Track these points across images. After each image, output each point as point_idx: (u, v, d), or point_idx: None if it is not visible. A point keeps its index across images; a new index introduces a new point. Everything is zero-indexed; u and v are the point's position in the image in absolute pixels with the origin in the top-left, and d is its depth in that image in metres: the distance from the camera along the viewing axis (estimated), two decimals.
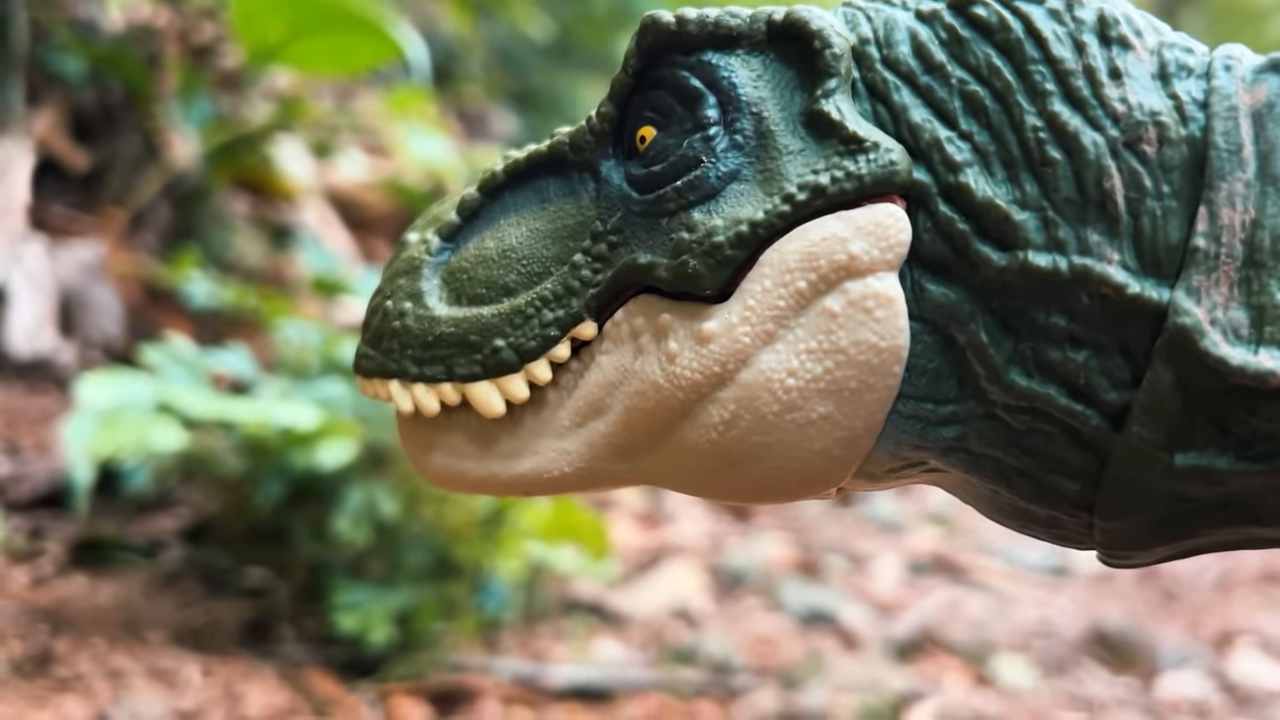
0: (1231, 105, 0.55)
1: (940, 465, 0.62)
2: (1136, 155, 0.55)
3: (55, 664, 1.67)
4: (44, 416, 2.36)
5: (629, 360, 0.63)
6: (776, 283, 0.58)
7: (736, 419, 0.59)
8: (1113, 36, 0.58)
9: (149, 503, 2.18)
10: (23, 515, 2.11)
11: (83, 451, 1.75)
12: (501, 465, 0.67)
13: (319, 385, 2.00)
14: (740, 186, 0.60)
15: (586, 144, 0.66)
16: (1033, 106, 0.57)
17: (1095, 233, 0.55)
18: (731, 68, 0.62)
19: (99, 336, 2.61)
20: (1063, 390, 0.56)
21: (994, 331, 0.57)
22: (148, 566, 2.03)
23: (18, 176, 2.68)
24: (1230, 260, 0.53)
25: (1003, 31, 0.58)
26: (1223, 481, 0.54)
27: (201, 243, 3.02)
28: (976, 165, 0.57)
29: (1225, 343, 0.53)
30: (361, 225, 4.05)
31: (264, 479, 1.91)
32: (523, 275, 0.67)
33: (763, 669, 2.17)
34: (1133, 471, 0.55)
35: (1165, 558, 0.60)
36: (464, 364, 0.66)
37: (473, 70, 6.05)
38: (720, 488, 0.63)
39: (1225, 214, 0.53)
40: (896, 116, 0.59)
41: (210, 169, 3.08)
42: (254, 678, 1.76)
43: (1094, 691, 2.23)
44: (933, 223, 0.58)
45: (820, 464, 0.59)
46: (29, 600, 1.84)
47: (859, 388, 0.57)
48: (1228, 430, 0.54)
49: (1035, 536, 0.64)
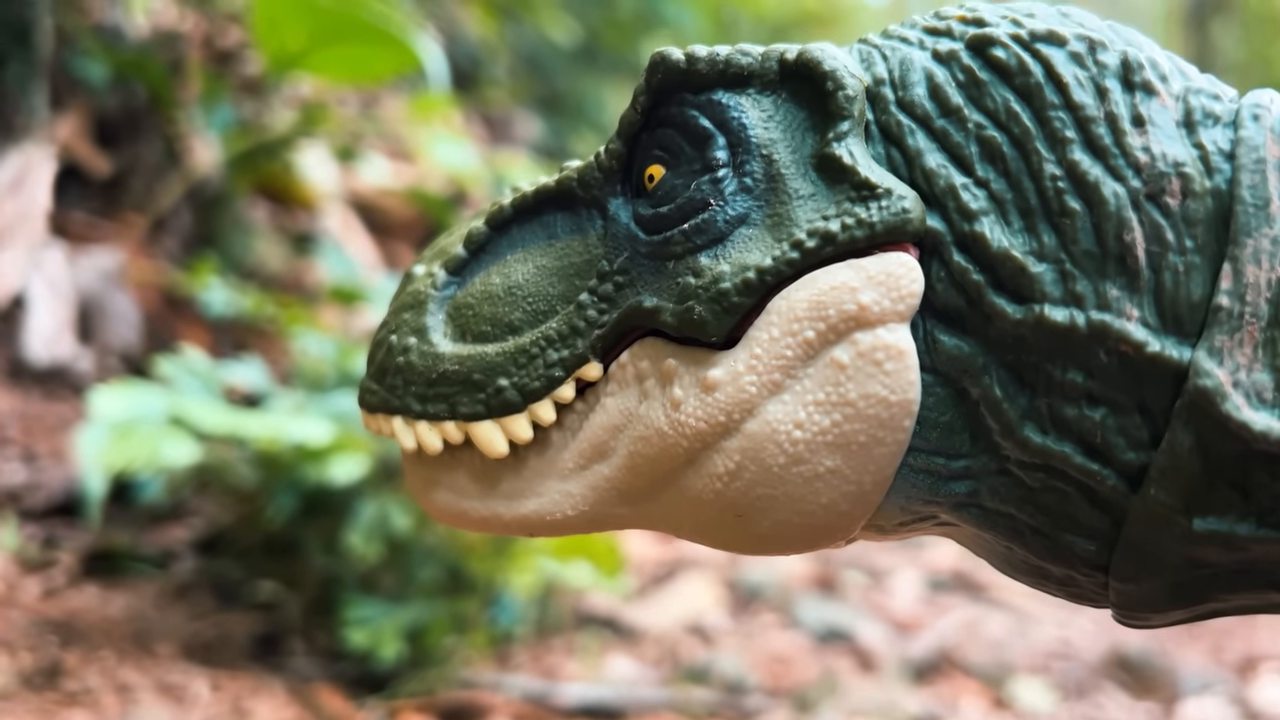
0: (1259, 157, 0.53)
1: (952, 520, 0.60)
2: (1159, 207, 0.53)
3: (64, 677, 1.67)
4: (61, 424, 2.36)
5: (634, 404, 0.61)
6: (784, 331, 0.56)
7: (742, 470, 0.57)
8: (1136, 82, 0.56)
9: (162, 513, 2.18)
10: (37, 524, 2.12)
11: (96, 463, 1.75)
12: (504, 505, 0.66)
13: (334, 398, 2.00)
14: (749, 231, 0.59)
15: (595, 181, 0.65)
16: (1052, 154, 0.55)
17: (1115, 287, 0.53)
18: (742, 108, 0.61)
19: (117, 344, 2.61)
20: (1079, 448, 0.54)
21: (1008, 386, 0.55)
22: (160, 577, 2.03)
23: (40, 183, 2.69)
24: (1255, 320, 0.51)
25: (1022, 75, 0.56)
26: (1243, 548, 0.52)
27: (222, 249, 3.03)
28: (993, 214, 0.55)
29: (1248, 407, 0.51)
30: (384, 230, 4.06)
31: (277, 492, 1.91)
32: (528, 313, 0.66)
33: (776, 689, 2.15)
34: (1149, 534, 0.53)
35: (1181, 620, 0.58)
36: (467, 403, 0.65)
37: (498, 74, 6.05)
38: (725, 538, 0.61)
39: (1250, 271, 0.51)
40: (910, 161, 0.58)
41: (232, 175, 3.08)
42: (263, 693, 1.75)
43: (1114, 716, 2.20)
44: (946, 272, 0.56)
45: (827, 518, 0.57)
46: (40, 611, 1.84)
47: (868, 441, 0.55)
48: (1249, 496, 0.52)
49: (1049, 593, 0.62)
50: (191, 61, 3.12)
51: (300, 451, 1.80)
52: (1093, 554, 0.56)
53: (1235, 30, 8.66)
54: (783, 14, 8.42)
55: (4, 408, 2.39)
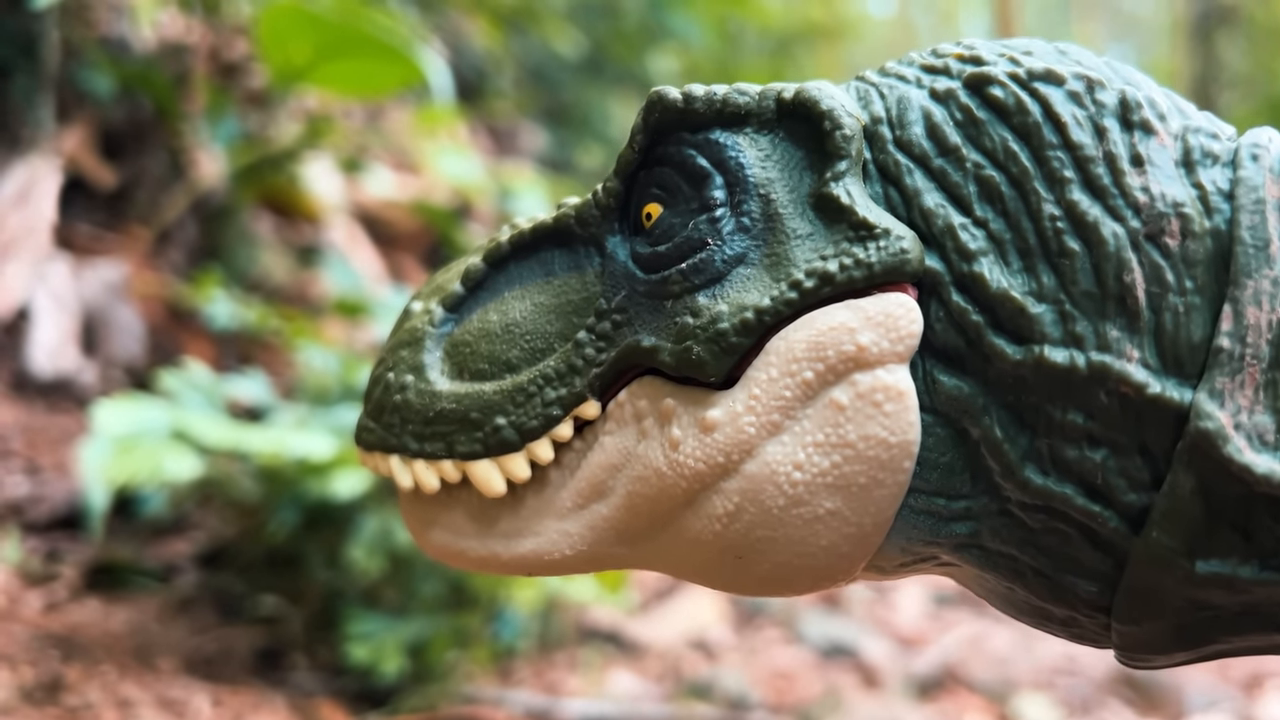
0: (1259, 198, 0.53)
1: (953, 561, 0.60)
2: (1158, 248, 0.53)
3: (65, 692, 1.67)
4: (65, 436, 2.36)
5: (632, 443, 0.61)
6: (783, 372, 0.56)
7: (741, 511, 0.57)
8: (1135, 121, 0.56)
9: (165, 526, 2.17)
10: (40, 537, 2.12)
11: (99, 477, 1.75)
12: (502, 545, 0.65)
13: (337, 412, 1.99)
14: (746, 270, 0.58)
15: (592, 218, 0.65)
16: (1051, 194, 0.55)
17: (1115, 328, 0.53)
18: (739, 147, 0.60)
19: (121, 356, 2.62)
20: (1080, 490, 0.54)
21: (1009, 426, 0.55)
22: (162, 591, 2.02)
23: (45, 195, 2.70)
24: (1256, 362, 0.51)
25: (1020, 114, 0.56)
26: (1246, 591, 0.52)
27: (227, 261, 3.03)
28: (991, 254, 0.55)
29: (1250, 449, 0.50)
30: (390, 242, 4.06)
31: (279, 506, 1.91)
32: (526, 351, 0.66)
33: (780, 705, 2.14)
34: (1152, 577, 0.53)
35: (1185, 661, 0.57)
36: (465, 441, 0.65)
37: (503, 86, 6.06)
38: (726, 579, 0.61)
39: (1251, 313, 0.51)
40: (909, 201, 0.57)
41: (237, 187, 3.09)
42: (264, 708, 1.75)
43: None
44: (945, 312, 0.56)
45: (828, 560, 0.57)
46: (41, 625, 1.84)
47: (868, 483, 0.55)
48: (1251, 538, 0.51)
49: (1052, 634, 0.61)
50: (197, 74, 3.13)
51: (303, 466, 1.80)
52: (1095, 595, 0.55)
53: (1240, 42, 8.66)
54: (788, 25, 8.43)
55: (7, 420, 2.39)
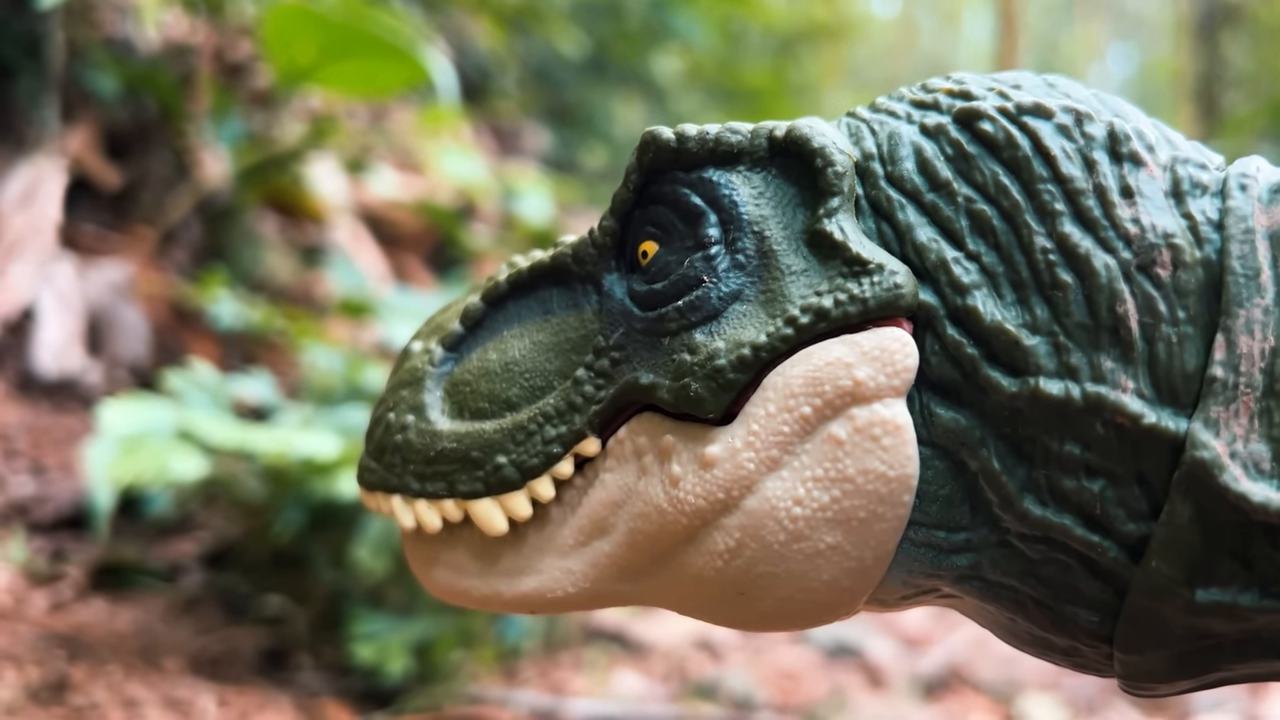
0: (1248, 227, 0.53)
1: (954, 592, 0.60)
2: (1150, 279, 0.54)
3: (71, 691, 1.67)
4: (69, 436, 2.36)
5: (632, 480, 0.61)
6: (780, 407, 0.56)
7: (742, 547, 0.57)
8: (1124, 153, 0.56)
9: (170, 526, 2.17)
10: (45, 536, 2.12)
11: (104, 476, 1.75)
12: (505, 584, 0.66)
13: (342, 412, 1.99)
14: (742, 307, 0.59)
15: (589, 256, 0.66)
16: (1042, 227, 0.55)
17: (1109, 359, 0.53)
18: (733, 185, 0.61)
19: (126, 357, 2.62)
20: (1079, 520, 0.54)
21: (1006, 458, 0.55)
22: (167, 591, 2.02)
23: (50, 195, 2.70)
24: (1250, 390, 0.51)
25: (1010, 148, 0.57)
26: (1247, 619, 0.52)
27: (231, 261, 3.03)
28: (985, 287, 0.56)
29: (1246, 478, 0.51)
30: (394, 243, 4.06)
31: (284, 506, 1.90)
32: (525, 389, 0.66)
33: (785, 705, 2.14)
34: (1152, 606, 0.53)
35: (1189, 689, 0.58)
36: (466, 480, 0.65)
37: (507, 86, 6.07)
38: (728, 615, 0.61)
39: (1244, 342, 0.52)
40: (901, 236, 0.58)
41: (241, 188, 3.09)
42: (270, 708, 1.75)
43: None
44: (940, 346, 0.56)
45: (830, 594, 0.57)
46: (47, 625, 1.84)
47: (868, 517, 0.55)
48: (1251, 566, 0.51)
49: (1055, 664, 0.61)
50: (202, 75, 3.13)
51: (308, 465, 1.80)
52: (1096, 625, 0.55)
53: (1244, 41, 8.65)
54: (791, 25, 8.44)
55: (13, 420, 2.39)
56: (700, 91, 7.70)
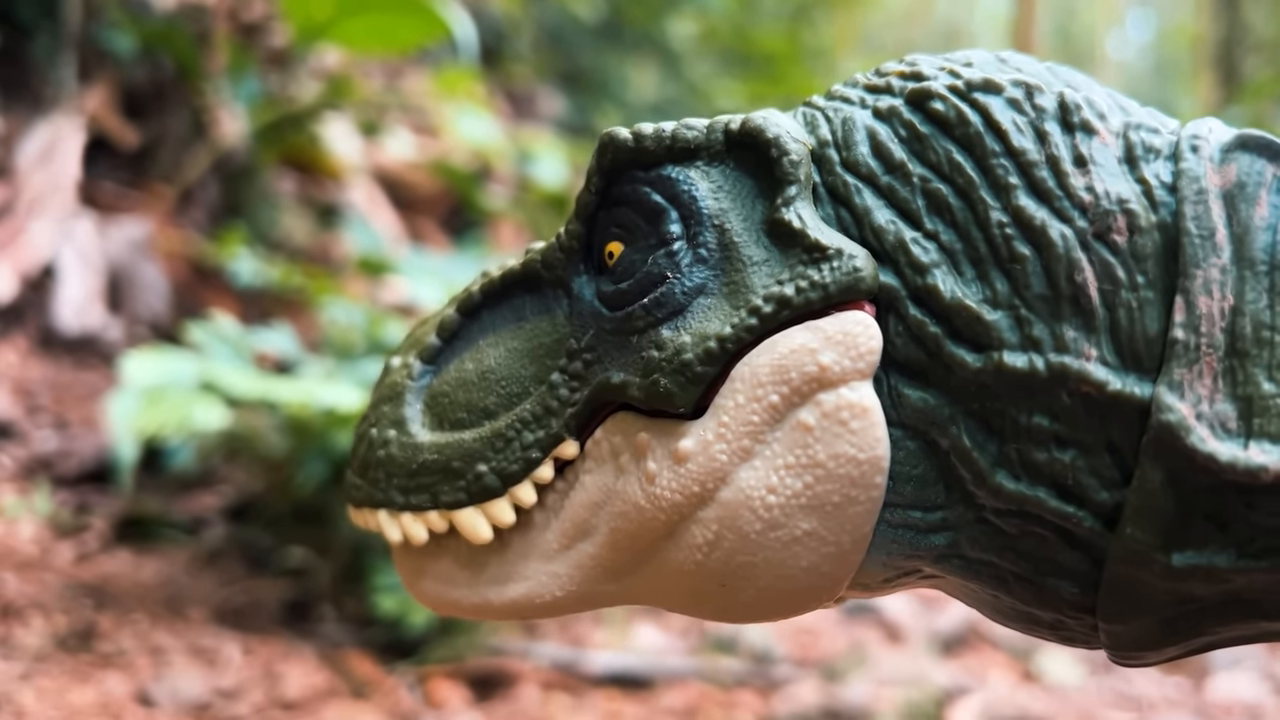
0: (1200, 188, 0.53)
1: (936, 572, 0.60)
2: (1107, 245, 0.54)
3: (98, 639, 1.68)
4: (91, 392, 2.38)
5: (611, 479, 0.61)
6: (749, 397, 0.56)
7: (720, 539, 0.57)
8: (1075, 122, 0.56)
9: (193, 480, 2.19)
10: (70, 490, 2.13)
11: (127, 429, 1.76)
12: (494, 591, 0.66)
13: (363, 365, 2.00)
14: (707, 300, 0.59)
15: (558, 261, 0.66)
16: (997, 201, 0.55)
17: (1071, 328, 0.53)
18: (691, 180, 0.61)
19: (146, 313, 2.62)
20: (1052, 492, 0.54)
21: (976, 434, 0.55)
22: (190, 544, 2.04)
23: (69, 153, 2.70)
24: (1212, 351, 0.51)
25: (961, 126, 0.57)
26: (1226, 580, 0.52)
27: (249, 220, 3.03)
28: (944, 265, 0.56)
29: (1213, 438, 0.50)
30: (409, 205, 4.06)
31: (306, 459, 1.91)
32: (502, 397, 0.66)
33: (805, 660, 2.15)
34: (1130, 573, 0.52)
35: (1177, 656, 0.57)
36: (449, 491, 0.65)
37: (521, 50, 6.04)
38: (712, 608, 0.61)
39: (1203, 302, 0.52)
40: (860, 219, 0.58)
41: (258, 147, 3.09)
42: (293, 658, 1.76)
43: (1143, 691, 2.18)
44: (904, 326, 0.56)
45: (810, 580, 0.57)
46: (73, 575, 1.86)
47: (842, 501, 0.55)
48: (1226, 527, 0.51)
49: (1043, 639, 0.61)
50: (218, 33, 3.12)
51: (330, 417, 1.80)
52: (1077, 597, 0.55)
53: (1266, 5, 8.54)
54: None
55: (35, 376, 2.41)
56: (714, 56, 7.65)
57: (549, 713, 1.82)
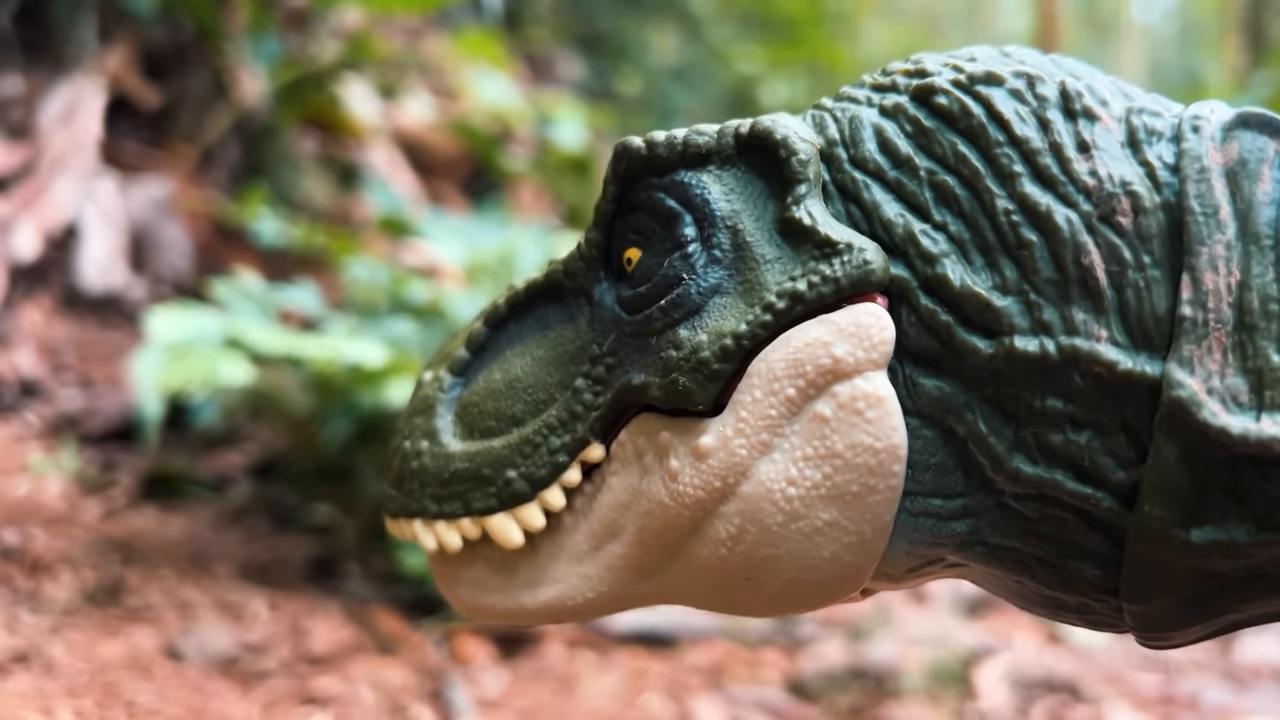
0: (1203, 166, 0.54)
1: (959, 560, 0.60)
2: (1112, 228, 0.54)
3: (126, 594, 1.69)
4: (115, 351, 2.38)
5: (636, 480, 0.63)
6: (766, 392, 0.58)
7: (743, 533, 0.58)
8: (1077, 109, 0.57)
9: (217, 438, 2.19)
10: (95, 448, 2.14)
11: (152, 384, 1.76)
12: (527, 595, 0.67)
13: (387, 324, 1.99)
14: (722, 300, 0.61)
15: (579, 270, 0.68)
16: (1003, 190, 0.56)
17: (1080, 311, 0.54)
18: (704, 184, 0.63)
19: (169, 273, 2.62)
20: (1069, 474, 0.54)
21: (992, 420, 0.56)
22: (216, 501, 2.04)
23: (90, 113, 2.69)
24: (1220, 326, 0.52)
25: (965, 118, 0.58)
26: (1247, 554, 0.52)
27: (270, 181, 3.02)
28: (953, 255, 0.57)
29: (1225, 412, 0.51)
30: (429, 169, 4.04)
31: (331, 417, 1.91)
32: (529, 404, 0.68)
33: (829, 619, 2.14)
34: (1150, 551, 0.52)
35: (1204, 636, 0.57)
36: (480, 498, 0.67)
37: (541, 14, 5.99)
38: (739, 603, 0.62)
39: (1209, 279, 0.52)
40: (869, 214, 0.59)
41: (279, 107, 3.07)
42: (320, 613, 1.77)
43: (1170, 654, 2.17)
44: (916, 316, 0.57)
45: (834, 571, 0.58)
46: (101, 531, 1.86)
47: (861, 490, 0.56)
48: (1244, 501, 0.51)
49: (1071, 624, 0.61)
50: None
51: (355, 374, 1.80)
52: (1100, 578, 0.55)
53: None
54: None
55: (60, 335, 2.41)
56: (734, 20, 7.58)
57: (574, 670, 1.82)
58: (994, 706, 1.87)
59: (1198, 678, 2.06)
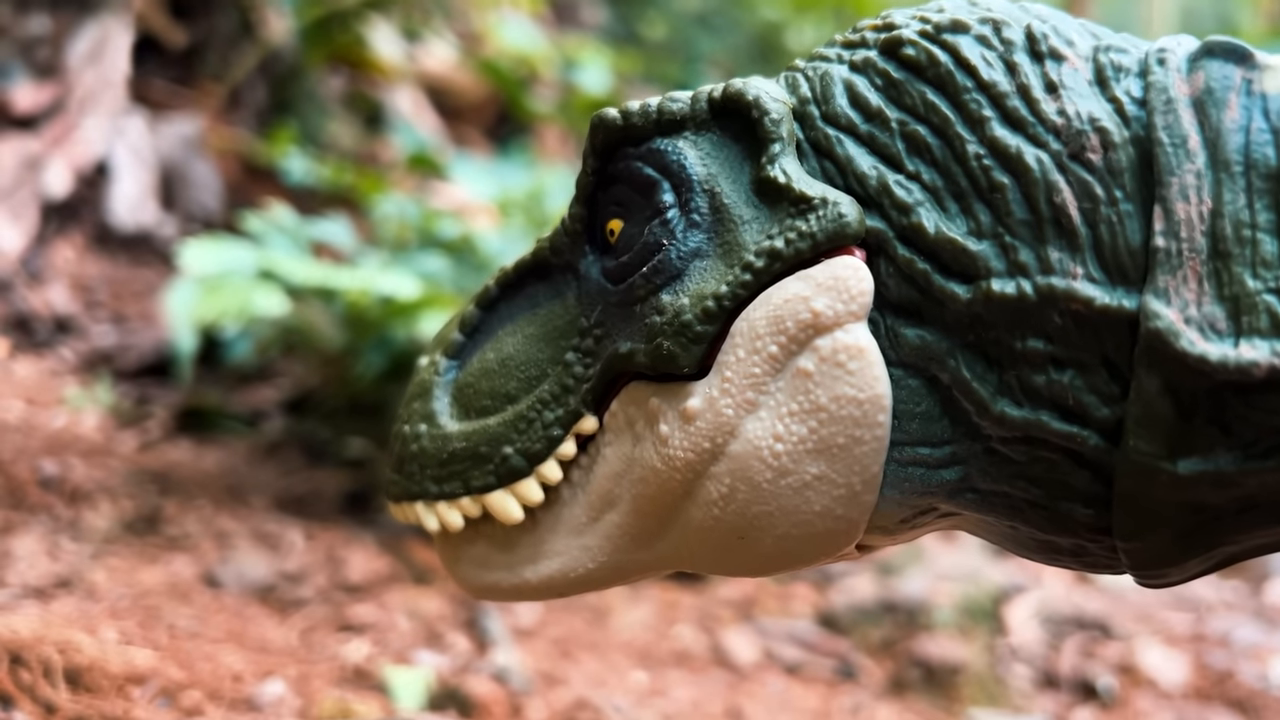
0: (1169, 98, 0.54)
1: (952, 509, 0.60)
2: (1083, 165, 0.55)
3: (164, 523, 1.71)
4: (147, 289, 2.39)
5: (630, 448, 0.63)
6: (749, 351, 0.58)
7: (734, 492, 0.59)
8: (1043, 51, 0.58)
9: (251, 374, 2.20)
10: (130, 383, 2.15)
11: (187, 317, 1.76)
12: (530, 570, 0.68)
13: (418, 259, 1.99)
14: (703, 263, 0.61)
15: (564, 246, 0.69)
16: (973, 135, 0.57)
17: (1055, 250, 0.54)
18: (679, 150, 0.63)
19: (199, 211, 2.62)
20: (1054, 414, 0.55)
21: (975, 365, 0.56)
22: (250, 435, 2.05)
23: (118, 51, 2.68)
24: (1194, 255, 0.52)
25: (933, 67, 0.59)
26: (1236, 484, 0.51)
27: (297, 121, 3.01)
28: (927, 203, 0.57)
29: (1203, 340, 0.51)
30: (453, 113, 4.02)
31: (364, 352, 1.91)
32: (522, 381, 0.69)
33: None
34: (1139, 487, 0.52)
35: (1201, 572, 0.57)
36: (478, 476, 0.68)
37: None
38: (736, 563, 0.62)
39: (1181, 208, 0.52)
40: (843, 169, 0.60)
41: (305, 47, 3.05)
42: (354, 544, 1.78)
43: (1201, 595, 2.17)
44: (894, 267, 0.58)
45: (826, 524, 0.58)
46: (138, 463, 1.88)
47: (847, 442, 0.57)
48: (1229, 429, 0.51)
49: (1067, 568, 0.61)
50: None
51: (389, 307, 1.80)
52: (1091, 518, 0.55)
53: None
54: None
55: (92, 272, 2.42)
56: None
57: (607, 602, 1.83)
58: (1025, 642, 1.88)
59: (1228, 617, 2.06)
